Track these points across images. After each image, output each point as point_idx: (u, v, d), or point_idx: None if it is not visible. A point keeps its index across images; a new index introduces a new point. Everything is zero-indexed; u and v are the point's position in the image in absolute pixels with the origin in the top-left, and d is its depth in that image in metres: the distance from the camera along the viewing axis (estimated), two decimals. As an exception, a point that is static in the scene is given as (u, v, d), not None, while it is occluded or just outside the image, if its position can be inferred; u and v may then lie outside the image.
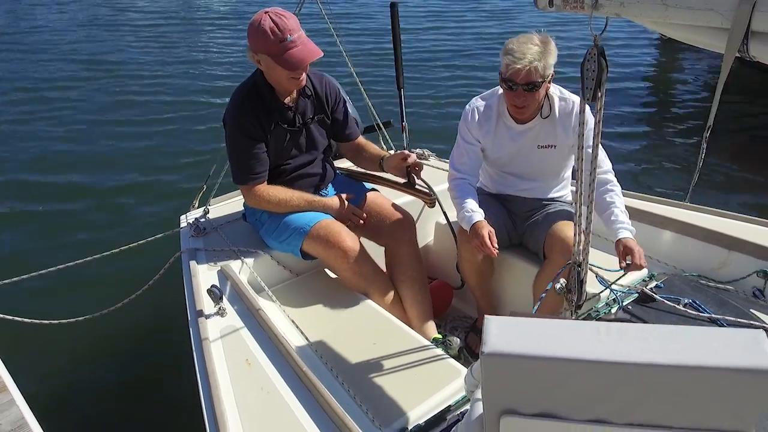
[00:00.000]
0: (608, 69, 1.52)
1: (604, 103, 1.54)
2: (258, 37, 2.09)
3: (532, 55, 2.07)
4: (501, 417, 1.06)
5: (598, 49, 1.48)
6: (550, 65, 2.12)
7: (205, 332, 1.92)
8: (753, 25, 1.31)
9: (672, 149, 6.02)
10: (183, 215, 2.80)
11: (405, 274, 2.41)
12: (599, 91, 1.52)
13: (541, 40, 2.11)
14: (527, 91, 2.13)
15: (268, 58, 2.12)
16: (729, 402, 0.95)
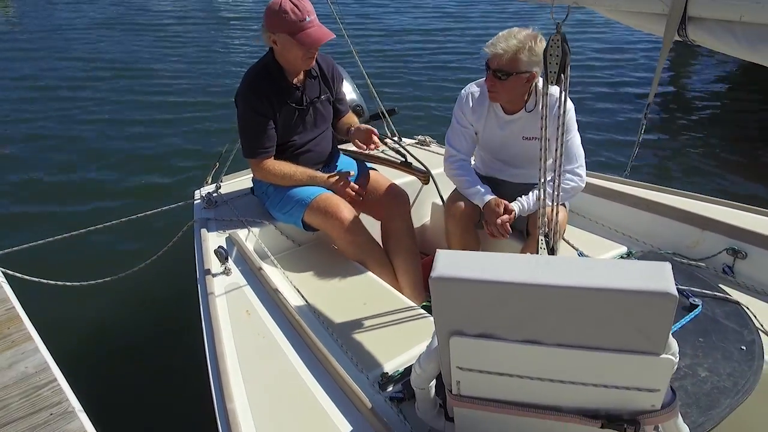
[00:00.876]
0: (570, 54, 1.70)
1: (568, 85, 1.72)
2: (278, 17, 2.28)
3: (504, 47, 2.22)
4: (450, 338, 1.24)
5: (561, 36, 1.65)
6: (524, 63, 2.23)
7: (211, 288, 2.12)
8: (689, 11, 1.47)
9: (656, 138, 6.22)
10: (197, 189, 3.01)
11: (398, 246, 2.59)
12: (563, 75, 1.70)
13: (525, 38, 2.22)
14: (496, 78, 2.29)
15: (287, 37, 2.30)
16: (638, 323, 1.11)
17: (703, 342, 1.86)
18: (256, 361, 1.81)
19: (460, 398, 1.37)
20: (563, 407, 1.30)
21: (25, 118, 6.79)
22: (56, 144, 6.08)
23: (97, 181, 5.26)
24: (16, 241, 2.74)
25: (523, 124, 2.47)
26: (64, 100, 7.42)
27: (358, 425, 1.57)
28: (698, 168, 5.52)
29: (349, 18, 3.58)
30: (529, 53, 2.23)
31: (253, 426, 1.58)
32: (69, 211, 4.70)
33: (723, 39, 1.45)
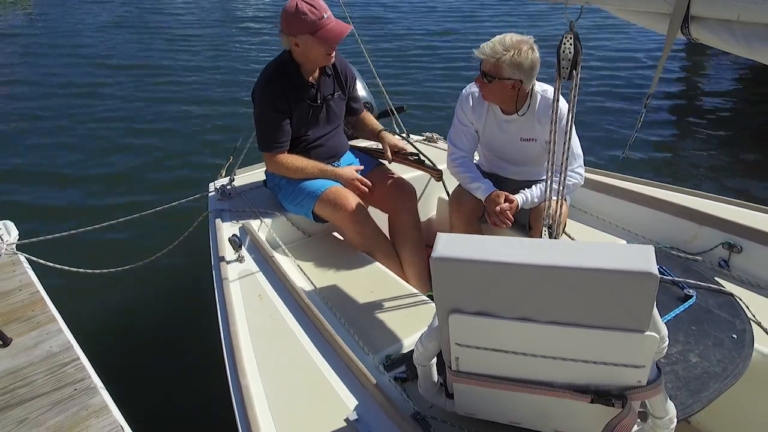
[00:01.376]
0: (582, 51, 1.78)
1: (579, 81, 1.80)
2: (296, 20, 2.38)
3: (489, 52, 2.31)
4: (449, 315, 1.34)
5: (573, 34, 1.74)
6: (506, 70, 2.31)
7: (226, 273, 2.23)
8: (691, 10, 1.55)
9: (657, 136, 6.32)
10: (212, 182, 3.12)
11: (405, 238, 2.69)
12: (575, 71, 1.78)
13: (512, 46, 2.29)
14: (484, 80, 2.39)
15: (308, 37, 2.40)
16: (623, 301, 1.20)
17: (695, 330, 1.94)
18: (268, 341, 1.92)
19: (458, 374, 1.46)
20: (555, 383, 1.39)
21: (45, 115, 6.98)
22: (75, 139, 6.26)
23: (116, 174, 5.45)
24: (39, 230, 2.88)
25: (519, 126, 2.55)
26: (85, 96, 7.62)
27: (364, 401, 1.67)
28: (697, 165, 5.67)
29: (359, 18, 3.68)
30: (510, 62, 2.29)
31: (266, 400, 1.68)
32: (90, 202, 4.89)
33: (722, 37, 1.54)
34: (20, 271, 2.64)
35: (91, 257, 2.98)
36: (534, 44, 2.35)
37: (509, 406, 1.51)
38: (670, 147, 6.05)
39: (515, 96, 2.43)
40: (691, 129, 6.56)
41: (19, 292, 2.51)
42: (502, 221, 2.42)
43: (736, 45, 1.45)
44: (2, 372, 2.08)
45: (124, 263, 2.85)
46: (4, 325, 2.28)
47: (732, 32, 1.45)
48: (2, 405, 1.93)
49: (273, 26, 11.53)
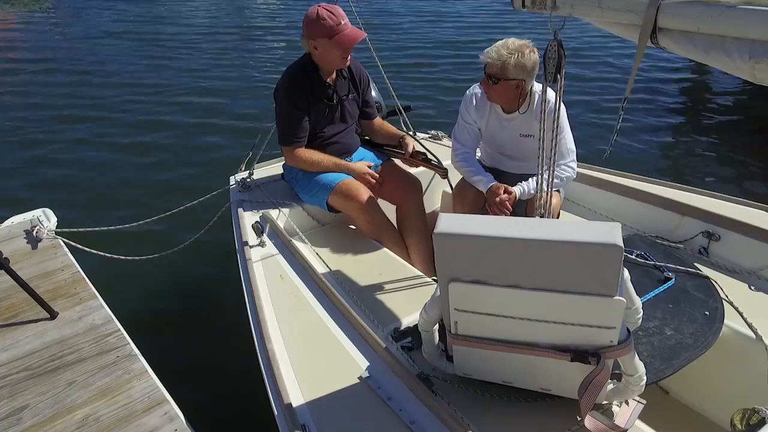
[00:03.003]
0: (566, 57, 2.02)
1: (563, 84, 2.03)
2: (316, 25, 2.62)
3: (495, 56, 2.54)
4: (449, 284, 1.57)
5: (557, 42, 1.98)
6: (512, 72, 2.54)
7: (249, 255, 2.47)
8: (658, 22, 1.78)
9: (645, 130, 6.63)
10: (232, 176, 3.37)
11: (411, 227, 2.93)
12: (559, 75, 2.02)
13: (515, 49, 2.52)
14: (489, 82, 2.61)
15: (326, 41, 2.64)
16: (594, 270, 1.43)
17: (672, 308, 2.17)
18: (289, 314, 2.16)
19: (457, 337, 1.70)
20: (540, 343, 1.62)
21: (72, 116, 7.25)
22: (96, 139, 6.54)
23: (144, 168, 5.76)
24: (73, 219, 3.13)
25: (519, 123, 2.78)
26: (112, 92, 8.04)
27: (374, 362, 1.90)
28: (680, 160, 6.05)
29: (370, 24, 3.90)
30: (515, 64, 2.53)
31: (289, 362, 1.92)
32: (120, 193, 5.21)
33: (684, 46, 1.76)
34: (61, 254, 2.90)
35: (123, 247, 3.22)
36: (533, 46, 2.58)
37: (502, 367, 1.75)
38: (655, 143, 6.36)
39: (518, 95, 2.66)
40: (675, 126, 6.94)
41: (62, 272, 2.76)
42: (502, 211, 2.65)
43: (696, 53, 1.68)
44: (51, 342, 2.33)
45: (154, 252, 3.11)
46: (51, 301, 2.52)
47: (693, 42, 1.68)
48: (53, 369, 2.19)
49: (287, 29, 11.86)
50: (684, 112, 7.39)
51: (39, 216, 3.08)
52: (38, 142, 6.35)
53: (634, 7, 1.85)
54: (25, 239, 2.97)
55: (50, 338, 2.34)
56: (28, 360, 2.23)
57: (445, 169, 2.92)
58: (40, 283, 2.65)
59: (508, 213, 2.67)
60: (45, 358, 2.24)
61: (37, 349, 2.28)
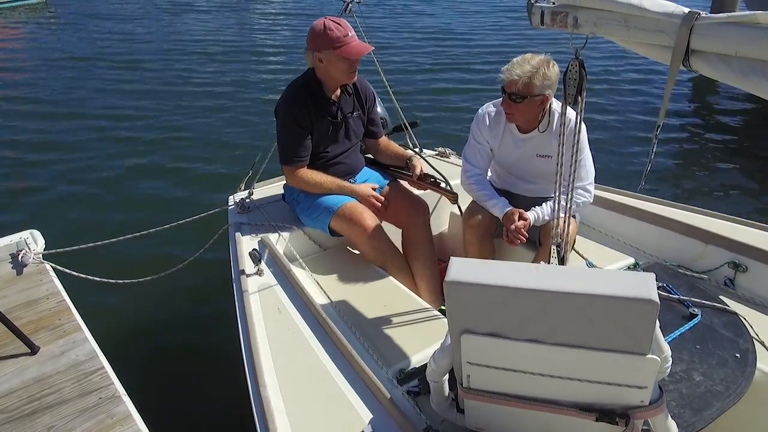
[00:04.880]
0: (587, 78, 1.86)
1: (584, 106, 1.88)
2: (322, 36, 2.49)
3: (519, 72, 2.39)
4: (461, 335, 1.41)
5: (579, 62, 1.82)
6: (538, 87, 2.40)
7: (246, 287, 2.31)
8: (692, 44, 1.63)
9: (667, 153, 6.39)
10: (231, 195, 3.22)
11: (417, 252, 2.77)
12: (579, 97, 1.86)
13: (538, 63, 2.38)
14: (512, 101, 2.46)
15: (332, 53, 2.50)
16: (625, 326, 1.27)
17: (699, 349, 2.00)
18: (287, 355, 2.00)
19: (469, 391, 1.53)
20: (562, 401, 1.45)
21: (66, 128, 7.11)
22: (96, 148, 6.42)
23: (137, 187, 5.56)
24: (63, 240, 2.99)
25: (537, 143, 2.62)
26: (106, 106, 7.83)
27: (378, 414, 1.74)
28: (704, 184, 5.73)
29: (375, 37, 3.77)
30: (542, 78, 2.39)
31: (284, 411, 1.76)
32: (113, 214, 5.01)
33: (720, 70, 1.61)
34: (47, 280, 2.75)
35: (114, 268, 3.07)
36: (552, 59, 2.43)
37: (518, 422, 1.58)
38: (677, 165, 6.11)
39: (541, 112, 2.52)
40: (699, 147, 6.63)
41: (46, 300, 2.61)
42: (518, 237, 2.49)
43: (734, 78, 1.52)
44: (31, 380, 2.17)
45: (146, 274, 2.95)
46: (33, 333, 2.37)
47: (730, 66, 1.53)
48: (31, 411, 2.03)
49: (290, 44, 11.60)
50: (708, 132, 7.09)
51: (26, 238, 2.93)
52: (28, 162, 6.14)
53: (664, 27, 1.69)
54: (9, 264, 2.82)
55: (30, 376, 2.18)
56: (5, 401, 2.07)
57: (455, 193, 2.75)
58: (22, 313, 2.50)
59: (524, 240, 2.51)
60: (23, 399, 2.08)
61: (16, 388, 2.12)
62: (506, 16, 14.42)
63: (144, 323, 3.53)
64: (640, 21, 1.74)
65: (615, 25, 1.83)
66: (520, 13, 14.77)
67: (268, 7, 16.00)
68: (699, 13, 1.63)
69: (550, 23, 2.03)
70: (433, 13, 15.03)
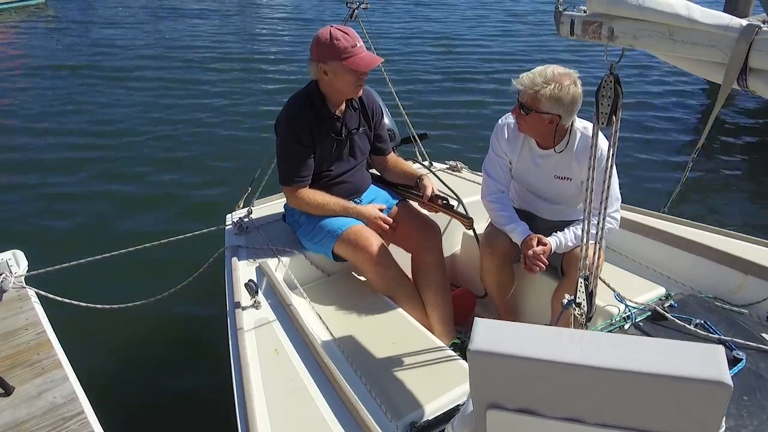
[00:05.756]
0: (623, 96, 1.65)
1: (618, 128, 1.66)
2: (328, 46, 2.29)
3: (528, 83, 2.20)
4: (487, 410, 1.19)
5: (614, 77, 1.60)
6: (545, 104, 2.20)
7: (241, 323, 2.10)
8: (750, 62, 1.41)
9: (700, 172, 6.00)
10: (228, 214, 3.01)
11: (428, 280, 2.55)
12: (614, 117, 1.65)
13: (553, 79, 2.17)
14: (520, 111, 2.28)
15: (339, 64, 2.30)
16: (689, 409, 1.05)
17: (747, 401, 1.78)
18: (283, 405, 1.79)
19: None
20: None
21: (62, 129, 6.94)
22: (87, 161, 6.14)
23: (129, 201, 5.29)
24: (47, 260, 2.78)
25: (555, 163, 2.41)
26: (99, 118, 7.50)
27: None
28: (744, 209, 5.35)
29: (380, 42, 3.47)
30: (550, 95, 2.18)
31: None
32: (102, 231, 4.75)
33: (785, 93, 1.40)
34: (27, 308, 2.54)
35: (101, 291, 2.87)
36: (577, 79, 2.23)
37: None
38: (714, 187, 5.71)
39: (552, 131, 2.31)
40: (738, 168, 6.24)
41: (25, 332, 2.40)
42: (536, 264, 2.27)
43: None
44: (3, 426, 1.96)
45: (136, 298, 2.74)
46: (9, 370, 2.17)
47: (798, 88, 1.31)
48: (2, 463, 1.83)
49: (291, 55, 11.20)
50: (748, 152, 6.68)
51: (8, 259, 2.72)
52: (11, 179, 5.78)
53: (717, 42, 1.48)
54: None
55: (2, 421, 1.98)
56: (-28, 451, 1.87)
57: (470, 218, 2.52)
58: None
59: (544, 267, 2.29)
60: (-7, 449, 1.88)
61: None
62: (522, 21, 14.15)
63: (131, 357, 3.29)
64: (689, 34, 1.53)
65: (658, 38, 1.62)
66: (539, 17, 14.51)
67: (267, 14, 15.74)
68: (759, 26, 1.41)
69: (581, 34, 1.83)
70: (441, 19, 14.77)
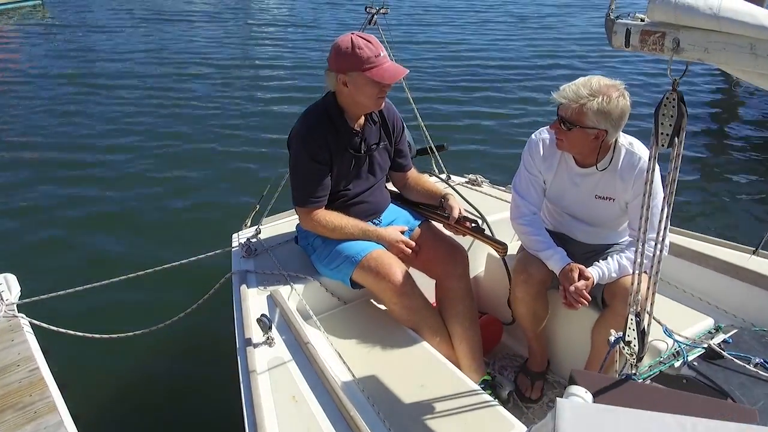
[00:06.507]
0: (687, 115, 1.45)
1: (681, 150, 1.46)
2: (350, 57, 2.09)
3: (572, 96, 2.01)
4: None
5: (677, 95, 1.41)
6: (591, 118, 2.00)
7: (253, 364, 1.89)
8: None
9: (750, 194, 5.67)
10: (235, 233, 2.81)
11: (455, 310, 2.34)
12: (677, 138, 1.45)
13: (599, 90, 1.98)
14: (562, 126, 2.08)
15: (360, 75, 2.11)
16: None
17: None
18: None
19: None
20: None
21: (56, 143, 6.56)
22: (82, 177, 5.82)
23: (127, 221, 4.93)
24: (43, 289, 2.57)
25: (596, 181, 2.21)
26: (97, 130, 7.15)
27: None
28: None
29: (398, 48, 3.20)
30: (597, 109, 1.98)
31: None
32: (100, 254, 4.42)
33: None
34: (19, 339, 2.33)
35: (99, 318, 2.69)
36: (625, 90, 2.03)
37: None
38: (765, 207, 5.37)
39: (597, 147, 2.11)
40: None
41: (17, 368, 2.19)
42: (578, 301, 2.07)
43: None
44: (-11, 481, 1.77)
45: (136, 326, 2.54)
46: (-3, 414, 1.97)
47: None
48: None
49: (303, 54, 10.91)
50: None
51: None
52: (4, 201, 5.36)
53: (816, 58, 1.27)
54: (-23, 319, 2.42)
55: (-12, 477, 1.78)
56: None
57: (503, 244, 2.28)
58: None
59: (587, 304, 2.08)
60: None
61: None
62: (547, 26, 13.78)
63: (130, 396, 3.01)
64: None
65: (736, 52, 1.41)
66: (564, 20, 14.12)
67: (273, 21, 15.25)
68: None
69: (639, 46, 1.61)
70: (457, 23, 14.42)
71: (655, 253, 1.60)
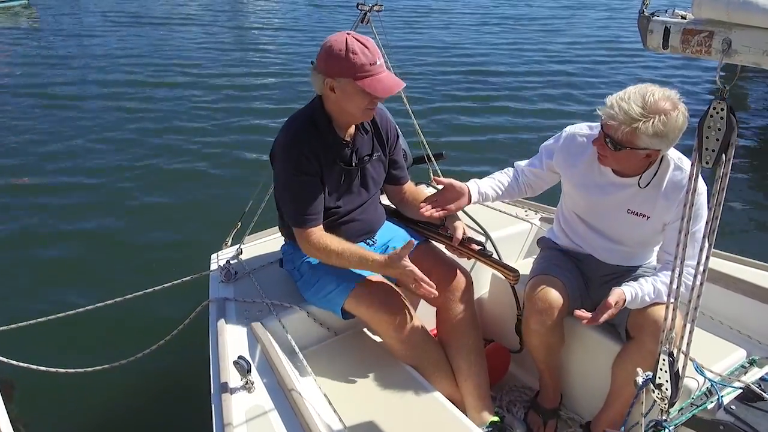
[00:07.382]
0: (738, 129, 1.22)
1: (729, 169, 1.24)
2: (342, 60, 1.83)
3: (622, 117, 1.73)
4: None
5: (727, 106, 1.18)
6: (645, 139, 1.74)
7: (229, 416, 1.64)
8: None
9: None
10: (214, 254, 2.56)
11: (459, 342, 2.09)
12: (724, 155, 1.22)
13: (656, 109, 1.71)
14: (608, 145, 1.82)
15: (350, 83, 1.85)
16: None
17: None
18: None
19: None
20: None
21: (36, 163, 6.09)
22: (52, 192, 5.41)
23: (96, 242, 4.51)
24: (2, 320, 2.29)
25: (633, 195, 1.96)
26: (76, 143, 6.66)
27: None
28: None
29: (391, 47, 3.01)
30: (654, 131, 1.72)
31: None
32: (64, 281, 3.98)
33: None
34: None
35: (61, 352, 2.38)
36: (679, 101, 1.75)
37: None
38: None
39: (646, 165, 1.88)
40: None
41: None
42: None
43: None
44: None
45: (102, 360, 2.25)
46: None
47: None
48: None
49: (287, 55, 10.46)
50: None
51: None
52: None
53: None
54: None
55: None
56: None
57: (515, 271, 2.00)
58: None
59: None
60: None
61: None
62: (550, 29, 13.32)
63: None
64: None
65: (806, 54, 1.18)
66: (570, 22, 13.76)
67: (261, 18, 14.89)
68: None
69: (680, 47, 1.39)
70: (455, 25, 14.05)
71: (694, 285, 1.39)
